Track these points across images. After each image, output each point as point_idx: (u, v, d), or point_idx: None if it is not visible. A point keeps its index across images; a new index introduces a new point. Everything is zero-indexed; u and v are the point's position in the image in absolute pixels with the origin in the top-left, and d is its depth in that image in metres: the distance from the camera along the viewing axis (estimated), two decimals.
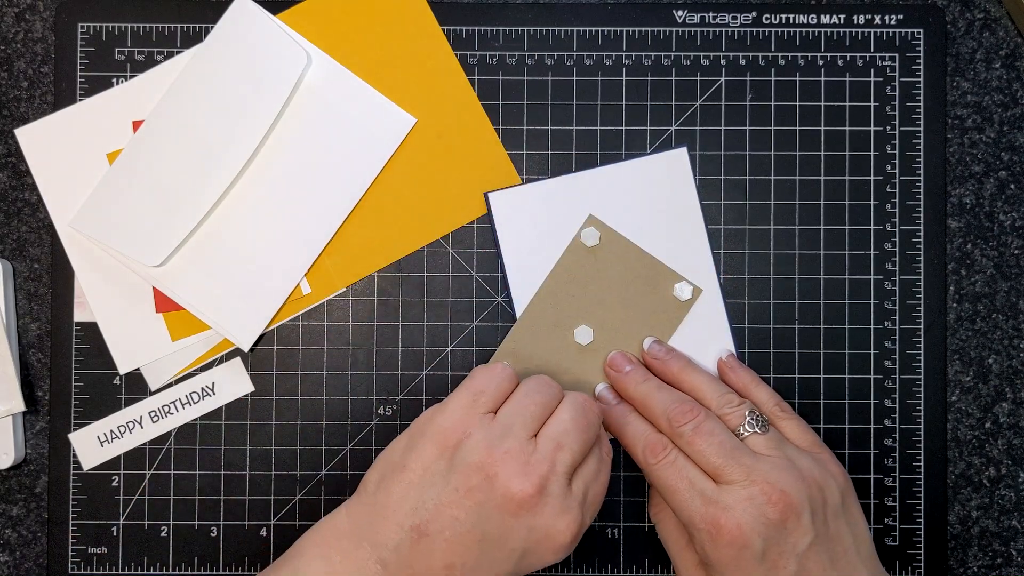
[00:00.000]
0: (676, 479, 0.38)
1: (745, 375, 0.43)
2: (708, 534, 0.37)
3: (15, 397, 0.44)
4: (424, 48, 0.45)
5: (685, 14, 0.46)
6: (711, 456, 0.38)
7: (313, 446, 0.45)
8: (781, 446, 0.39)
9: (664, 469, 0.38)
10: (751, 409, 0.40)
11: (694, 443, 0.38)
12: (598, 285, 0.44)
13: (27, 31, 0.46)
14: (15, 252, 0.46)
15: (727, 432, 0.39)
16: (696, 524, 0.37)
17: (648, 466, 0.39)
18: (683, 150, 0.45)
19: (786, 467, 0.37)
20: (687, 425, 0.39)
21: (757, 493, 0.36)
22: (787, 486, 0.36)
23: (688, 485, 0.38)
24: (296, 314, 0.45)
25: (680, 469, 0.38)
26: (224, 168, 0.44)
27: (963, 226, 0.46)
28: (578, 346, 0.44)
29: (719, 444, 0.38)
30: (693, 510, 0.37)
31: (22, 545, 0.45)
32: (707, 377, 0.42)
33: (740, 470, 0.37)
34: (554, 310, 0.44)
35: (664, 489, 0.38)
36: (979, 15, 0.46)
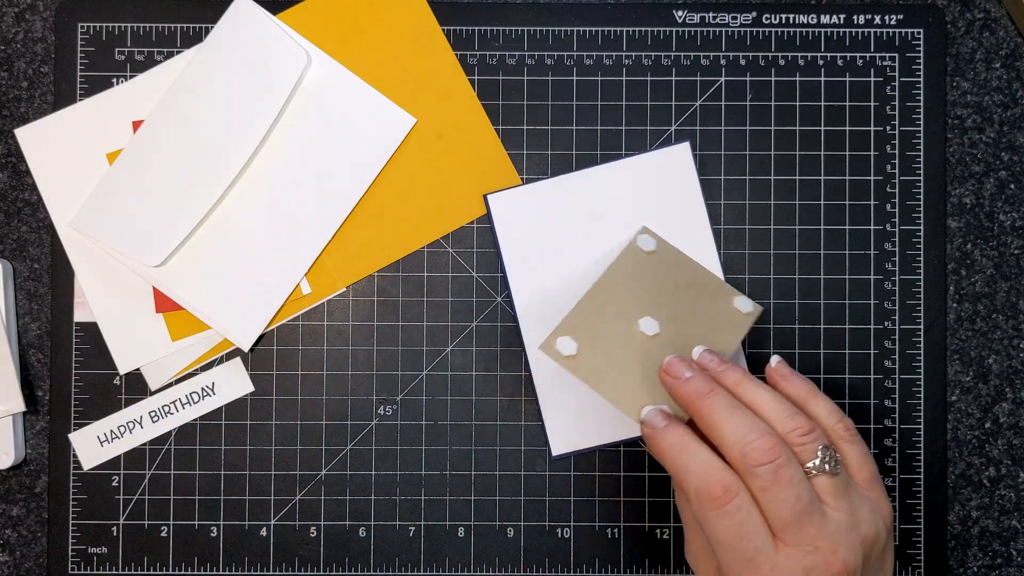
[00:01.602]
0: (734, 530, 0.32)
1: (801, 385, 0.38)
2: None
3: (15, 397, 0.44)
4: (424, 48, 0.45)
5: (685, 14, 0.46)
6: (783, 511, 0.32)
7: (313, 446, 0.45)
8: (847, 493, 0.34)
9: (722, 517, 0.33)
10: (826, 444, 0.34)
11: (768, 491, 0.32)
12: (657, 286, 0.41)
13: (27, 31, 0.46)
14: (15, 252, 0.46)
15: (804, 481, 0.33)
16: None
17: (704, 511, 0.33)
18: (686, 145, 0.45)
19: (849, 527, 0.33)
20: (767, 467, 0.33)
21: (818, 563, 0.32)
22: (848, 554, 0.33)
23: (744, 539, 0.32)
24: (296, 314, 0.45)
25: (742, 520, 0.32)
26: (224, 168, 0.44)
27: (963, 226, 0.46)
28: (644, 336, 0.40)
29: (795, 499, 0.32)
30: (742, 568, 0.32)
31: (22, 545, 0.45)
32: (770, 394, 0.36)
33: (808, 535, 0.32)
34: (615, 301, 0.40)
35: (715, 537, 0.33)
36: (979, 15, 0.46)
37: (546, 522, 0.45)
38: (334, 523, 0.45)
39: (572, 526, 0.45)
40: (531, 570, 0.45)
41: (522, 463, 0.45)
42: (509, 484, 0.45)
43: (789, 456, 0.33)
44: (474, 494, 0.45)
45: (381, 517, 0.45)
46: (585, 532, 0.45)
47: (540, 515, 0.45)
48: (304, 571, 0.45)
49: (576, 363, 0.39)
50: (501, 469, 0.45)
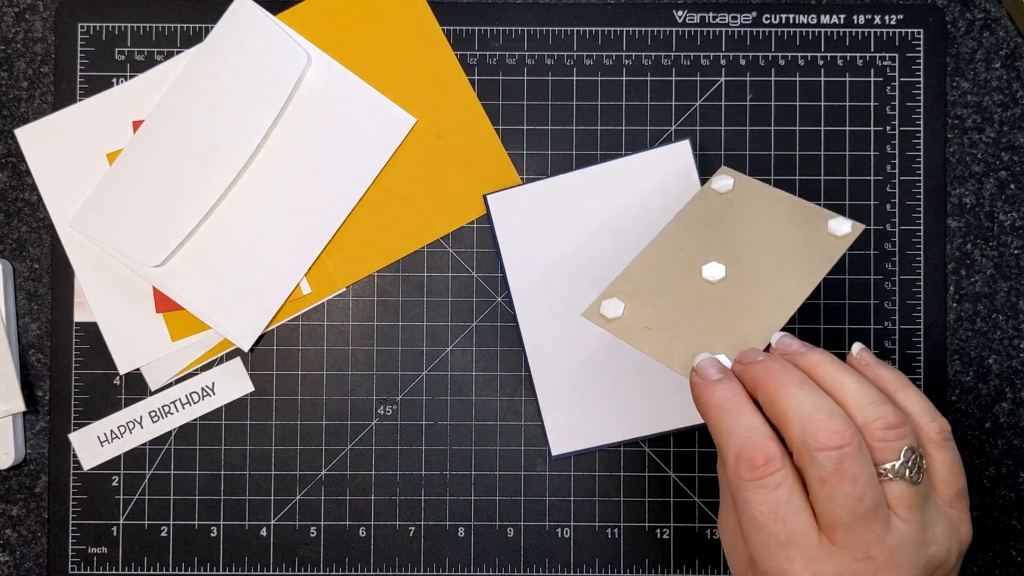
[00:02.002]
0: (769, 506, 0.28)
1: (889, 375, 0.32)
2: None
3: (15, 397, 0.44)
4: (424, 48, 0.45)
5: (685, 14, 0.46)
6: (838, 510, 0.27)
7: (313, 446, 0.45)
8: (924, 506, 0.29)
9: (758, 489, 0.28)
10: (912, 446, 0.29)
11: (828, 484, 0.28)
12: (732, 227, 0.38)
13: (27, 31, 0.46)
14: (15, 252, 0.46)
15: (873, 479, 0.28)
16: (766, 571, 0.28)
17: (739, 480, 0.28)
18: (686, 143, 0.44)
19: (916, 546, 0.28)
20: (831, 453, 0.28)
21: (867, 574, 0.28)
22: (907, 573, 0.28)
23: (779, 520, 0.28)
24: (296, 314, 0.45)
25: (781, 498, 0.28)
26: (224, 168, 0.44)
27: (963, 226, 0.46)
28: (707, 284, 0.36)
29: (856, 499, 0.27)
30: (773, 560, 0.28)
31: (22, 545, 0.45)
32: (856, 377, 0.30)
33: (863, 540, 0.28)
34: (678, 249, 0.37)
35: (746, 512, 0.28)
36: (979, 15, 0.46)
37: (546, 522, 0.45)
38: (334, 523, 0.45)
39: (572, 526, 0.45)
40: (531, 570, 0.45)
41: (522, 463, 0.45)
42: (509, 484, 0.45)
43: (861, 447, 0.28)
44: (474, 494, 0.45)
45: (381, 517, 0.45)
46: (585, 532, 0.45)
47: (540, 515, 0.45)
48: (304, 571, 0.45)
49: (621, 325, 0.35)
50: (501, 469, 0.45)
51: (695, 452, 0.45)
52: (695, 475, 0.45)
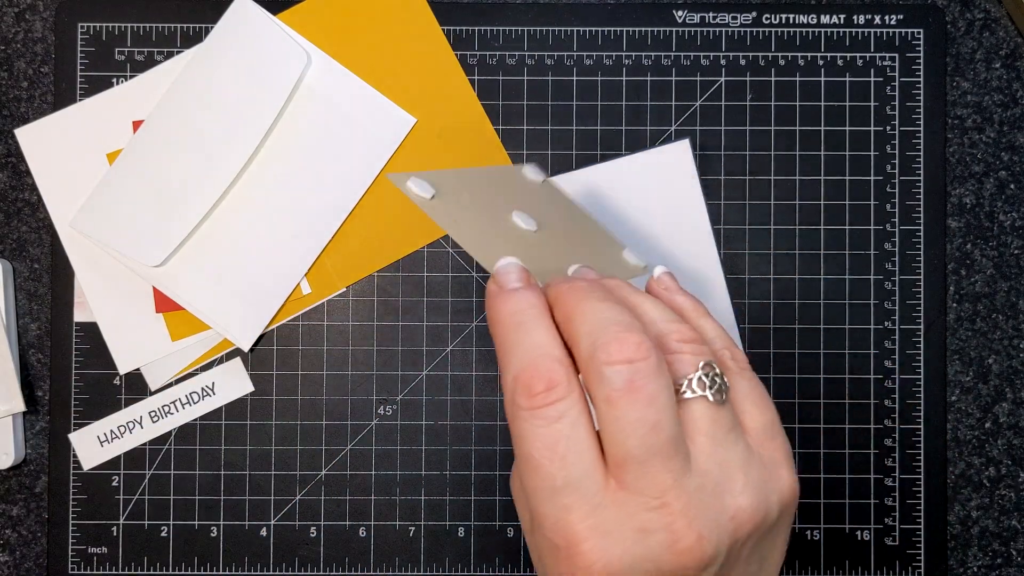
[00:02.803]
0: (547, 443, 0.23)
1: (687, 303, 0.29)
2: (556, 550, 0.23)
3: (15, 397, 0.44)
4: (424, 48, 0.45)
5: (685, 14, 0.46)
6: (629, 437, 0.23)
7: (313, 446, 0.45)
8: (728, 439, 0.25)
9: (536, 424, 0.24)
10: (710, 360, 0.25)
11: (617, 405, 0.23)
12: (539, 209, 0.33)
13: (27, 31, 0.46)
14: (15, 252, 0.46)
15: (671, 407, 0.23)
16: (545, 525, 0.24)
17: (515, 409, 0.24)
18: (685, 143, 0.44)
19: (718, 495, 0.24)
20: (622, 367, 0.23)
21: (661, 529, 0.23)
22: (707, 530, 0.23)
23: (557, 460, 0.23)
24: (296, 314, 0.45)
25: (562, 432, 0.23)
26: (224, 168, 0.44)
27: (963, 226, 0.46)
28: (518, 227, 0.33)
29: (652, 425, 0.23)
30: (548, 508, 0.23)
31: (22, 545, 0.45)
32: (653, 300, 0.27)
33: (658, 482, 0.23)
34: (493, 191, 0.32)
35: (522, 452, 0.24)
36: (979, 15, 0.46)
37: None
38: (334, 523, 0.45)
39: None
40: (531, 570, 0.45)
41: None
42: (509, 484, 0.45)
43: (660, 366, 0.23)
44: (474, 494, 0.45)
45: (381, 517, 0.45)
46: None
47: None
48: (304, 571, 0.45)
49: (433, 206, 0.32)
50: (501, 469, 0.45)
51: None
52: None
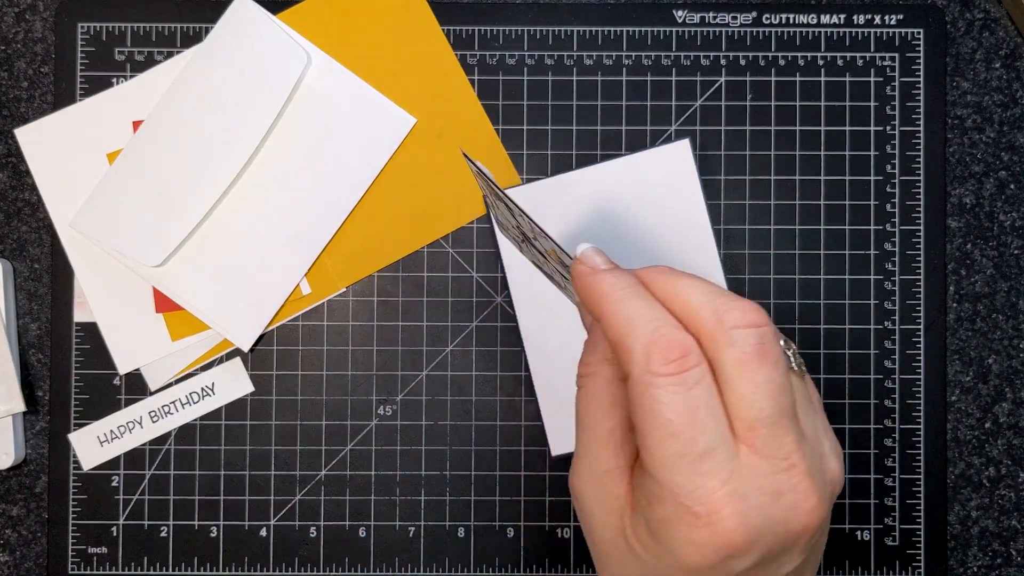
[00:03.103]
0: (686, 409, 0.23)
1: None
2: (694, 518, 0.23)
3: (15, 397, 0.44)
4: (424, 48, 0.45)
5: (685, 14, 0.46)
6: (762, 399, 0.23)
7: (313, 446, 0.45)
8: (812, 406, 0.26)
9: (676, 388, 0.24)
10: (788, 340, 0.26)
11: (748, 366, 0.24)
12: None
13: (27, 31, 0.46)
14: (15, 252, 0.46)
15: (788, 372, 0.25)
16: (680, 494, 0.23)
17: (651, 375, 0.24)
18: (685, 142, 0.44)
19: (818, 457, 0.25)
20: (749, 332, 0.24)
21: (790, 490, 0.24)
22: (823, 492, 0.24)
23: (697, 426, 0.23)
24: (296, 314, 0.45)
25: (699, 398, 0.24)
26: (224, 168, 0.44)
27: (963, 226, 0.46)
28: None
29: (780, 387, 0.24)
30: (686, 476, 0.23)
31: (22, 545, 0.45)
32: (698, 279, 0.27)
33: (785, 444, 0.24)
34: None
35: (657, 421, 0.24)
36: (979, 15, 0.46)
37: (546, 522, 0.45)
38: (334, 523, 0.45)
39: (572, 526, 0.45)
40: (531, 570, 0.45)
41: (522, 463, 0.45)
42: (509, 484, 0.45)
43: (776, 332, 0.25)
44: (474, 494, 0.45)
45: (381, 517, 0.45)
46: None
47: (540, 515, 0.45)
48: (304, 571, 0.45)
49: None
50: (501, 469, 0.45)
51: None
52: None
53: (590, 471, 0.27)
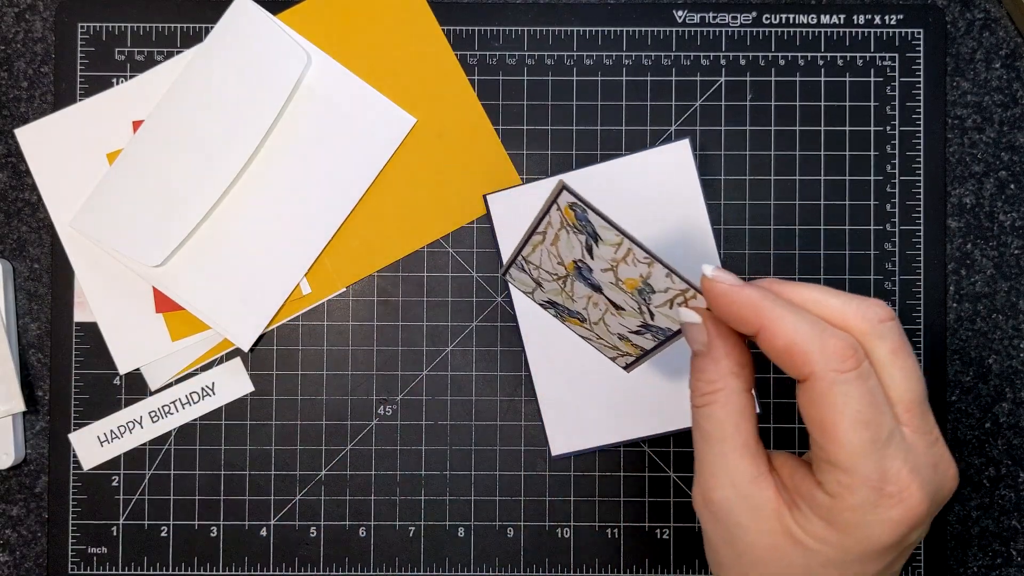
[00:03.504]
0: (869, 399, 0.26)
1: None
2: (888, 498, 0.26)
3: (15, 397, 0.44)
4: (424, 48, 0.45)
5: (685, 14, 0.46)
6: (915, 383, 0.27)
7: (313, 446, 0.45)
8: None
9: (859, 383, 0.26)
10: None
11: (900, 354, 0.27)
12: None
13: (27, 31, 0.46)
14: (15, 252, 0.46)
15: None
16: (873, 478, 0.26)
17: (836, 373, 0.26)
18: (685, 142, 0.44)
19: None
20: (893, 325, 0.27)
21: (941, 460, 0.27)
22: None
23: (880, 412, 0.26)
24: (296, 314, 0.45)
25: (875, 388, 0.26)
26: (224, 168, 0.44)
27: (963, 226, 0.46)
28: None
29: (919, 370, 0.27)
30: (874, 458, 0.26)
31: (22, 545, 0.45)
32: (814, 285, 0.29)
33: (930, 419, 0.27)
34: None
35: (848, 412, 0.26)
36: (979, 15, 0.46)
37: (546, 522, 0.45)
38: (334, 523, 0.45)
39: (572, 526, 0.45)
40: (531, 570, 0.45)
41: (522, 463, 0.45)
42: (509, 484, 0.45)
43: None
44: (474, 494, 0.45)
45: (381, 517, 0.45)
46: (585, 532, 0.45)
47: (540, 515, 0.45)
48: (304, 571, 0.45)
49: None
50: (501, 469, 0.45)
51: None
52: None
53: (732, 482, 0.28)
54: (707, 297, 0.29)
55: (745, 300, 0.28)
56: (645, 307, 0.34)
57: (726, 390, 0.29)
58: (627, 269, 0.34)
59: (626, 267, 0.34)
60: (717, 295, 0.28)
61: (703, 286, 0.29)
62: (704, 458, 0.29)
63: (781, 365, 0.27)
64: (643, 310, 0.35)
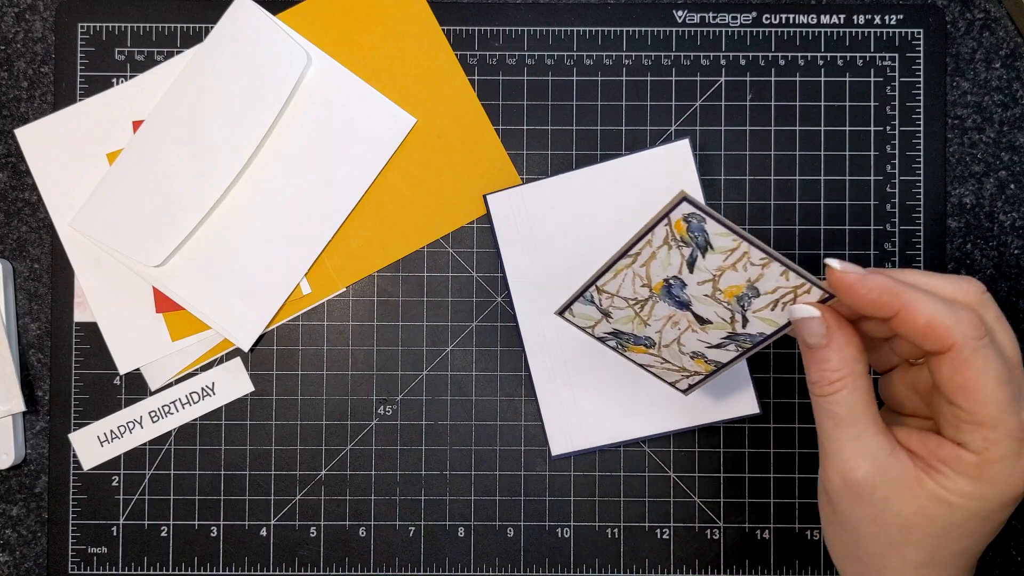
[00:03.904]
0: (1003, 363, 0.29)
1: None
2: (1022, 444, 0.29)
3: (15, 397, 0.44)
4: (424, 48, 0.45)
5: (685, 14, 0.46)
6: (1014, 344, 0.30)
7: (313, 446, 0.45)
8: None
9: (992, 349, 0.29)
10: None
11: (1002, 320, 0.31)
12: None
13: (27, 31, 0.46)
14: (15, 252, 0.46)
15: None
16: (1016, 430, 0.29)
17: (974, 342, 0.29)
18: (686, 143, 0.44)
19: None
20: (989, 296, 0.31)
21: None
22: None
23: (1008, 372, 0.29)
24: (296, 314, 0.45)
25: (1001, 353, 0.29)
26: (224, 168, 0.44)
27: (963, 226, 0.46)
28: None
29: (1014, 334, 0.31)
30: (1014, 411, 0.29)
31: (22, 545, 0.45)
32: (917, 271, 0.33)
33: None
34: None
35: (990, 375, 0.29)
36: (979, 15, 0.46)
37: (546, 522, 0.45)
38: (334, 523, 0.45)
39: (572, 526, 0.45)
40: (531, 570, 0.45)
41: (522, 463, 0.45)
42: (509, 484, 0.45)
43: None
44: (474, 494, 0.45)
45: (381, 517, 0.45)
46: (585, 532, 0.45)
47: (540, 515, 0.45)
48: (304, 571, 0.45)
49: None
50: (501, 469, 0.45)
51: (695, 452, 0.45)
52: (695, 475, 0.45)
53: (873, 459, 0.30)
54: (839, 288, 0.31)
55: (882, 286, 0.30)
56: (740, 315, 0.36)
57: (853, 375, 0.31)
58: (733, 276, 0.36)
59: (733, 273, 0.36)
60: (851, 284, 0.30)
61: (834, 279, 0.31)
62: (839, 442, 0.31)
63: (919, 341, 0.30)
64: (735, 319, 0.37)
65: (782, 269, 0.33)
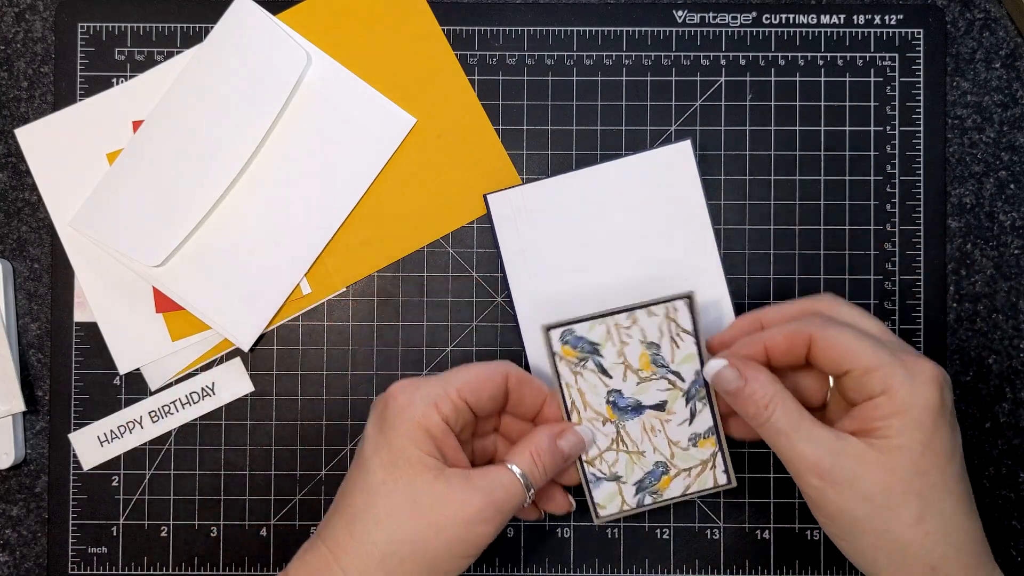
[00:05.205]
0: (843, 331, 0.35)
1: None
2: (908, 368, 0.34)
3: (15, 397, 0.44)
4: (424, 48, 0.45)
5: (685, 14, 0.46)
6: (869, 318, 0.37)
7: (313, 446, 0.45)
8: None
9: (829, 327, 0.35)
10: None
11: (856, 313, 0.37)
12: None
13: (27, 31, 0.46)
14: (15, 252, 0.46)
15: None
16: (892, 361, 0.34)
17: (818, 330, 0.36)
18: (687, 143, 0.44)
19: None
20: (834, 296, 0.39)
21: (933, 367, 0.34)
22: None
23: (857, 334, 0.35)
24: (296, 314, 0.45)
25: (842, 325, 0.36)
26: (224, 168, 0.44)
27: (963, 226, 0.46)
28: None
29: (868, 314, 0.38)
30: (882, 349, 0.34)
31: (22, 545, 0.45)
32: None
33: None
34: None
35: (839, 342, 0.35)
36: (979, 15, 0.46)
37: (546, 522, 0.45)
38: None
39: (573, 526, 0.45)
40: (532, 570, 0.45)
41: None
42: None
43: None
44: None
45: None
46: (586, 532, 0.45)
47: None
48: None
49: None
50: None
51: None
52: None
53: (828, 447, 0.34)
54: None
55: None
56: (670, 374, 0.40)
57: (778, 393, 0.35)
58: (631, 349, 0.39)
59: (629, 348, 0.39)
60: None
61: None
62: (796, 448, 0.34)
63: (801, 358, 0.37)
64: (672, 381, 0.40)
65: (644, 311, 0.38)
